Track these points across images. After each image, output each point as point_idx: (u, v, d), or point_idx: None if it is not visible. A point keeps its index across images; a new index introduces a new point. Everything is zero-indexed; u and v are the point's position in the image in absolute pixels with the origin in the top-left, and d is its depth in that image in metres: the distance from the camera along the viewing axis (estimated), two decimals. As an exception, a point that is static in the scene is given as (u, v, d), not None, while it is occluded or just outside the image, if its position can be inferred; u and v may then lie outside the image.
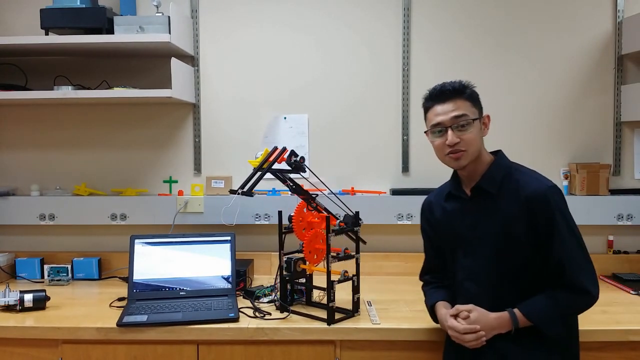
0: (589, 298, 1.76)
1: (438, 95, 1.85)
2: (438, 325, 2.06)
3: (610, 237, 2.85)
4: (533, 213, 1.76)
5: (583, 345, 1.92)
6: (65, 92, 2.57)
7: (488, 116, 1.91)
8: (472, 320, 1.79)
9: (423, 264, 2.15)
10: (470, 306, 1.81)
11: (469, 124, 1.81)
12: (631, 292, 2.48)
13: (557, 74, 2.86)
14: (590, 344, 2.03)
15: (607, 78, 2.87)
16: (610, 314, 2.18)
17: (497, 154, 1.92)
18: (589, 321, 1.89)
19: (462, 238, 1.90)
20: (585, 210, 2.75)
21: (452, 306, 1.89)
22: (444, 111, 1.82)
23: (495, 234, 1.81)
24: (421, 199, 2.75)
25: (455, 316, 1.84)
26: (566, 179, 2.86)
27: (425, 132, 1.91)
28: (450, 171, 2.00)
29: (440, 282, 2.06)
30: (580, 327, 1.90)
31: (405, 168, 2.90)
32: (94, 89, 2.74)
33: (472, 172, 1.88)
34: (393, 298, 2.44)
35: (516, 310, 1.77)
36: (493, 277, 1.83)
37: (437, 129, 1.84)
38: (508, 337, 1.78)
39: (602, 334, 2.05)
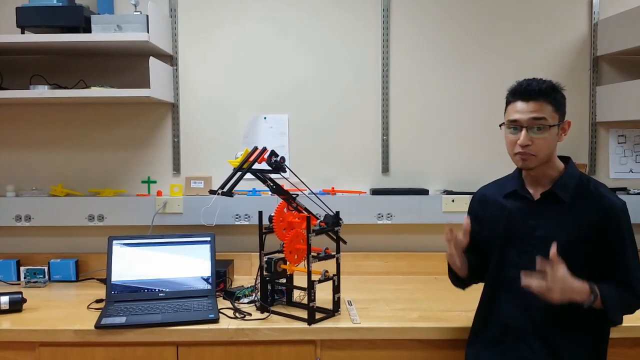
0: None
1: (523, 92, 1.80)
2: (418, 325, 2.08)
3: (586, 236, 2.89)
4: (607, 226, 1.79)
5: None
6: (42, 91, 2.54)
7: (569, 122, 1.86)
8: (563, 271, 1.71)
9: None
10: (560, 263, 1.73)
11: (546, 129, 1.78)
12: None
13: (534, 74, 2.80)
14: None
15: (583, 79, 2.92)
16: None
17: (568, 161, 1.91)
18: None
19: (519, 237, 1.88)
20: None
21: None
22: (524, 110, 1.78)
23: (562, 240, 1.78)
24: (401, 198, 2.80)
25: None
26: (543, 178, 2.90)
27: (500, 124, 1.87)
28: (435, 172, 2.00)
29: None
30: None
31: (385, 168, 2.91)
32: (71, 89, 2.70)
33: (540, 175, 1.87)
34: (373, 297, 2.45)
35: (596, 287, 1.76)
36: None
37: (513, 126, 1.81)
38: (556, 325, 1.80)
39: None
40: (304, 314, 2.16)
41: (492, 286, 1.95)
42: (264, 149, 2.22)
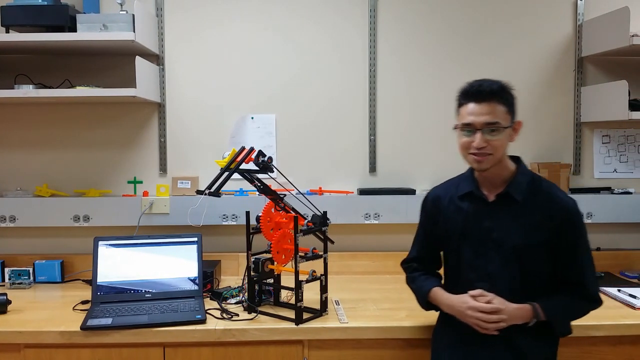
0: (599, 306, 1.89)
1: (475, 93, 1.80)
2: (405, 324, 2.09)
3: (571, 235, 2.92)
4: (560, 226, 1.81)
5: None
6: (27, 91, 2.52)
7: (520, 123, 1.88)
8: (498, 303, 1.79)
9: (410, 252, 2.13)
10: (493, 295, 1.81)
11: (499, 131, 1.79)
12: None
13: (520, 75, 2.92)
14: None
15: (568, 80, 2.95)
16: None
17: (518, 160, 1.92)
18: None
19: (475, 238, 1.89)
20: (547, 208, 2.81)
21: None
22: (477, 112, 1.78)
23: (517, 240, 1.82)
24: (388, 198, 2.81)
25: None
26: (529, 178, 2.92)
27: (454, 127, 1.87)
28: (421, 171, 2.01)
29: (427, 271, 2.06)
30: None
31: (373, 168, 2.92)
32: (56, 88, 2.68)
33: (493, 176, 1.88)
34: (361, 297, 2.46)
35: (537, 305, 1.81)
36: (508, 281, 1.84)
37: (467, 129, 1.81)
38: (515, 325, 1.81)
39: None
40: (291, 314, 2.16)
41: (452, 288, 1.95)
42: (252, 149, 2.22)
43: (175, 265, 2.46)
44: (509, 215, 1.86)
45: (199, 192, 2.16)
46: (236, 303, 2.36)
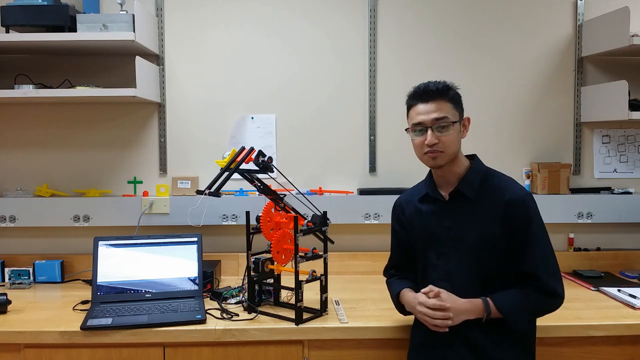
0: (559, 300, 1.85)
1: (421, 94, 1.87)
2: (405, 323, 2.08)
3: (571, 235, 2.92)
4: (511, 218, 1.83)
5: (545, 341, 1.99)
6: (27, 91, 2.52)
7: (468, 119, 1.94)
8: (443, 299, 1.81)
9: (388, 261, 2.18)
10: (441, 290, 1.83)
11: (449, 126, 1.84)
12: (591, 288, 2.55)
13: (520, 75, 2.92)
14: (552, 339, 2.09)
15: (568, 80, 2.95)
16: (571, 310, 2.23)
17: (473, 158, 1.96)
18: (551, 317, 1.93)
19: (436, 239, 1.92)
20: (546, 208, 2.79)
21: None
22: (425, 111, 1.85)
23: (473, 237, 1.85)
24: (388, 198, 2.79)
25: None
26: (528, 178, 2.93)
27: (406, 129, 1.93)
28: (420, 171, 2.02)
29: (404, 276, 2.09)
30: (543, 323, 1.97)
31: (373, 168, 2.92)
32: (56, 88, 2.69)
33: (448, 173, 1.91)
34: (361, 297, 2.46)
35: (489, 300, 1.81)
36: (467, 279, 1.86)
37: (418, 128, 1.87)
38: (478, 327, 1.82)
39: (563, 330, 2.10)
40: (291, 314, 2.16)
41: (418, 290, 1.96)
42: (252, 149, 2.22)
43: (175, 265, 2.46)
44: (463, 212, 1.89)
45: (199, 192, 2.16)
46: (236, 303, 2.36)
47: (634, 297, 2.36)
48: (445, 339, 1.84)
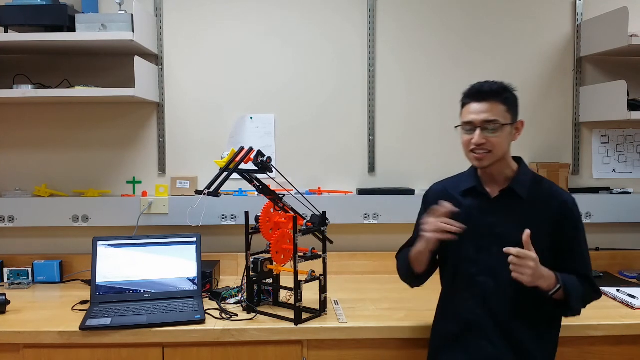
0: (599, 296, 1.93)
1: (475, 94, 1.86)
2: (405, 324, 2.09)
3: (570, 235, 2.92)
4: (563, 219, 1.86)
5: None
6: (25, 91, 2.52)
7: (522, 122, 1.92)
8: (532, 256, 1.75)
9: (406, 243, 2.12)
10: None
11: (499, 129, 1.83)
12: (590, 288, 2.55)
13: (519, 75, 2.92)
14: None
15: (567, 80, 2.95)
16: (571, 309, 2.24)
17: (520, 161, 1.96)
18: (551, 317, 1.95)
19: (478, 233, 1.90)
20: (546, 208, 2.81)
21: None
22: (477, 111, 1.84)
23: (519, 235, 1.80)
24: (387, 198, 2.81)
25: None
26: (528, 178, 2.93)
27: (456, 126, 1.92)
28: (420, 171, 2.01)
29: None
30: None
31: (372, 168, 2.92)
32: (55, 88, 2.68)
33: (496, 173, 1.91)
34: (360, 297, 2.46)
35: (559, 275, 1.81)
36: (510, 274, 1.80)
37: (468, 127, 1.86)
38: (518, 318, 1.84)
39: (563, 330, 2.09)
40: (290, 314, 2.17)
41: (451, 283, 1.97)
42: (251, 149, 2.22)
43: (174, 266, 2.46)
44: (512, 210, 1.88)
45: (198, 192, 2.16)
46: (235, 303, 2.36)
47: (633, 297, 2.36)
48: (482, 331, 1.84)
